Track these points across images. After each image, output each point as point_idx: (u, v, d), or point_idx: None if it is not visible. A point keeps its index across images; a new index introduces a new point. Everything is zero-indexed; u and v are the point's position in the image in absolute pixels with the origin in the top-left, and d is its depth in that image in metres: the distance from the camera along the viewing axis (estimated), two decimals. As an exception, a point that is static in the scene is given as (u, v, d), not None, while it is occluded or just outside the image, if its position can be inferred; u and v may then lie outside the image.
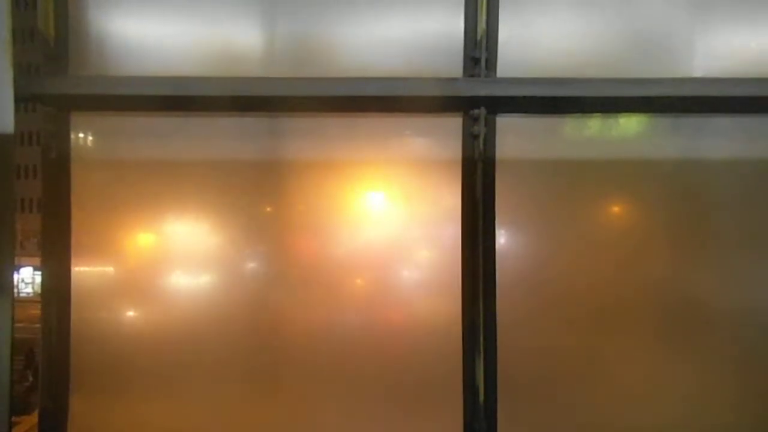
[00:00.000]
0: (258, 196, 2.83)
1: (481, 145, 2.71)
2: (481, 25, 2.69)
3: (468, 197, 2.74)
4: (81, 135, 2.78)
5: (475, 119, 2.70)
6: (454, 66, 2.72)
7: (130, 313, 2.82)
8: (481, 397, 2.71)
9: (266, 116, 2.80)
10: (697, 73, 2.76)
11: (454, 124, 2.76)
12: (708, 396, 2.81)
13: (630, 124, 2.82)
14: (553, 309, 2.80)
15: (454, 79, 2.67)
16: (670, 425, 2.78)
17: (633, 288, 2.82)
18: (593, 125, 2.82)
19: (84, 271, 2.78)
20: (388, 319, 2.80)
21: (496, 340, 2.73)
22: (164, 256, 2.85)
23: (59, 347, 2.73)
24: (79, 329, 2.75)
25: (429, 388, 2.77)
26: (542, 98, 2.61)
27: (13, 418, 2.33)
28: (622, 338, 2.85)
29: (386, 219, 2.83)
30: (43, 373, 2.76)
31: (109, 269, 2.84)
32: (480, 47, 2.69)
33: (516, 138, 2.78)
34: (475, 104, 2.68)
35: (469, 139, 2.73)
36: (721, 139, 2.81)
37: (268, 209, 2.85)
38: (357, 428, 2.79)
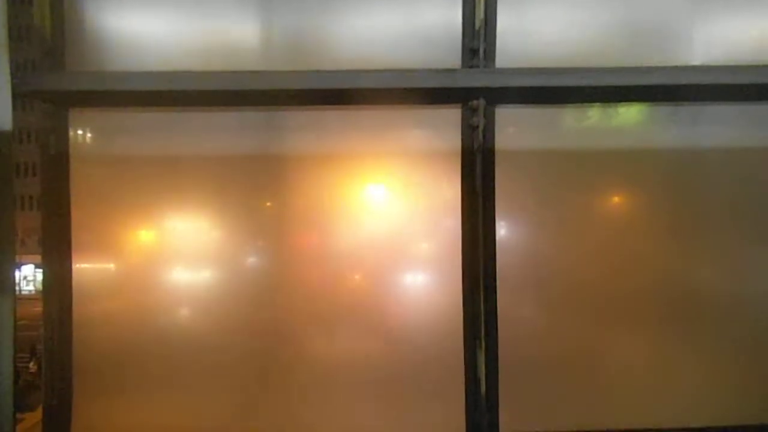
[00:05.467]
0: (257, 190, 2.82)
1: (481, 136, 2.70)
2: (480, 15, 2.68)
3: (467, 188, 2.74)
4: (79, 131, 2.78)
5: (474, 110, 2.69)
6: (453, 57, 2.71)
7: (132, 310, 2.82)
8: (483, 388, 2.72)
9: (265, 110, 2.80)
10: (696, 62, 2.76)
11: (453, 115, 2.75)
12: (708, 386, 2.82)
13: (629, 113, 2.81)
14: (553, 300, 2.81)
15: (453, 70, 2.66)
16: (670, 415, 2.79)
17: (633, 278, 2.83)
18: (592, 115, 2.81)
19: (85, 267, 2.78)
20: (390, 311, 2.81)
21: (497, 331, 2.74)
22: (165, 252, 2.85)
23: (61, 344, 2.73)
24: (81, 326, 2.76)
25: (431, 379, 2.78)
26: (541, 88, 2.60)
27: (18, 415, 2.34)
28: (622, 328, 2.86)
29: (386, 211, 2.83)
30: (46, 369, 2.77)
31: (110, 265, 2.84)
32: (478, 38, 2.68)
33: (515, 128, 2.78)
34: (473, 95, 2.67)
35: (468, 130, 2.73)
36: (720, 128, 2.81)
37: (268, 203, 2.85)
38: (359, 419, 2.80)
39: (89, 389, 2.78)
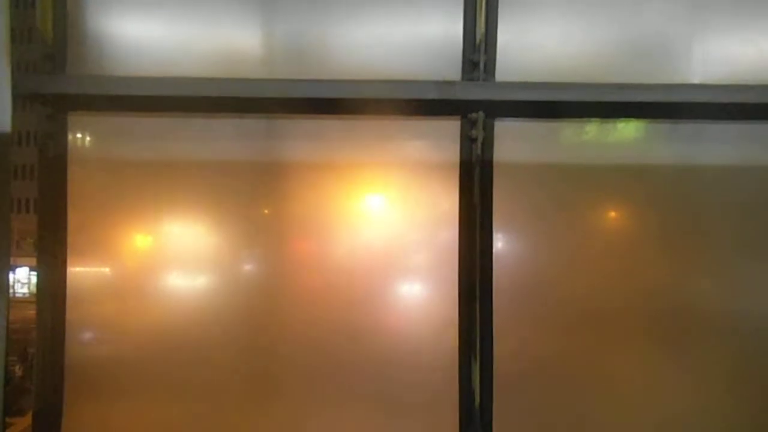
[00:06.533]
0: (255, 198, 2.82)
1: (479, 149, 2.71)
2: (480, 28, 2.69)
3: (465, 201, 2.74)
4: (78, 135, 2.78)
5: (474, 123, 2.70)
6: (453, 69, 2.72)
7: (126, 316, 2.81)
8: (477, 401, 2.71)
9: (264, 118, 2.80)
10: (695, 79, 2.77)
11: (452, 127, 2.76)
12: (703, 401, 2.81)
13: (627, 129, 2.82)
14: (549, 313, 2.80)
15: (453, 83, 2.67)
16: (664, 430, 2.78)
17: (629, 292, 2.83)
18: (591, 130, 2.82)
19: (80, 271, 2.77)
20: (385, 322, 2.80)
21: (492, 344, 2.73)
22: (160, 258, 2.84)
23: (54, 348, 2.71)
24: (74, 330, 2.74)
25: (425, 391, 2.77)
26: (540, 102, 2.61)
27: (7, 419, 2.32)
28: (617, 342, 2.85)
29: (383, 222, 2.83)
30: (37, 373, 2.75)
31: (105, 270, 2.83)
32: (479, 51, 2.69)
33: (514, 142, 2.78)
34: (473, 108, 2.68)
35: (467, 142, 2.74)
36: (718, 145, 2.82)
37: (266, 211, 2.84)
38: (352, 430, 2.78)
39: (80, 394, 2.75)
